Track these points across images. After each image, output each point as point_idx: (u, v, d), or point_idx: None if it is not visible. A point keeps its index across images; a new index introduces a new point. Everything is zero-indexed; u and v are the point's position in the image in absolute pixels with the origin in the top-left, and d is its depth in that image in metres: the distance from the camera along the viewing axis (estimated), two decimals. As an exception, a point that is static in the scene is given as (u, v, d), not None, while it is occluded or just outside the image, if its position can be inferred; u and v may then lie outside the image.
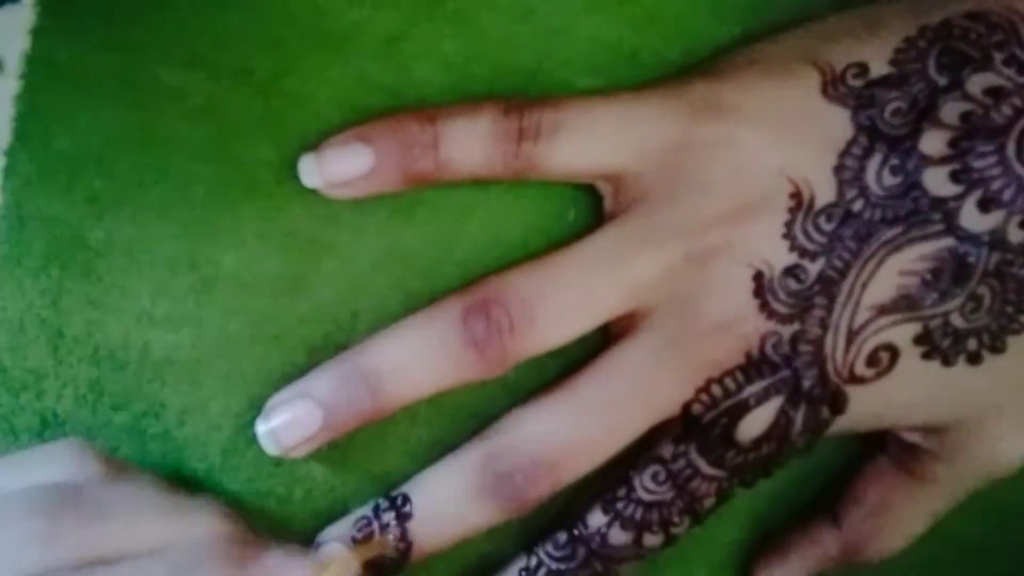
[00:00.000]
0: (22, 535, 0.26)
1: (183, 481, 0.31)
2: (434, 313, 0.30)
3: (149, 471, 0.29)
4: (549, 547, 0.31)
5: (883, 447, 0.34)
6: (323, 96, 0.31)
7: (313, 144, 0.30)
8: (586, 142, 0.30)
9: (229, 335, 0.31)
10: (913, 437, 0.32)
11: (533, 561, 0.31)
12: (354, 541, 0.30)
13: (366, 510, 0.31)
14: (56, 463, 0.28)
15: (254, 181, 0.30)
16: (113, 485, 0.28)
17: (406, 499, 0.30)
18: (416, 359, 0.29)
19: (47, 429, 0.30)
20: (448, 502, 0.30)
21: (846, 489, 0.34)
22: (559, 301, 0.29)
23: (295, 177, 0.30)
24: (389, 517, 0.30)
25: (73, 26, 0.29)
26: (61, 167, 0.30)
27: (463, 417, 0.32)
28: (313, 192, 0.30)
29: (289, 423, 0.29)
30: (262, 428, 0.30)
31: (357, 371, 0.29)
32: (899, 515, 0.33)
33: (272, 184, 0.31)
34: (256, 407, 0.31)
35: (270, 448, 0.30)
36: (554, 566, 0.31)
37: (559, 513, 0.32)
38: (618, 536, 0.31)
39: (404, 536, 0.30)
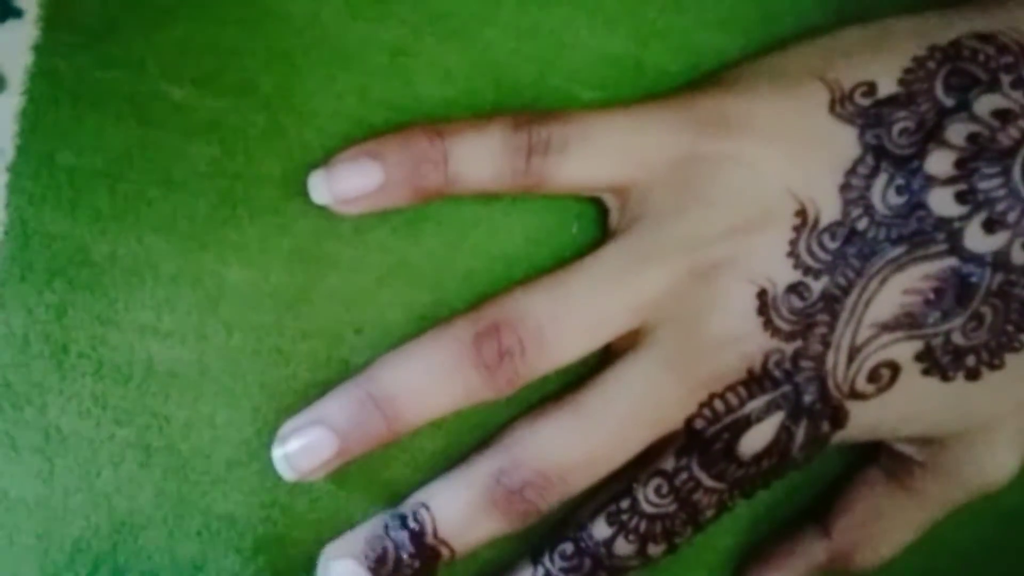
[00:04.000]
0: None
1: (186, 495, 0.31)
2: (444, 337, 0.30)
3: None
4: (556, 558, 0.31)
5: (874, 457, 0.34)
6: (327, 111, 0.30)
7: (317, 159, 0.30)
8: (595, 156, 0.30)
9: (233, 349, 0.31)
10: (906, 449, 0.33)
11: (540, 571, 0.31)
12: (367, 559, 0.30)
13: (376, 528, 0.31)
14: None
15: (258, 196, 0.30)
16: None
17: (416, 516, 0.30)
18: (428, 384, 0.30)
19: (50, 444, 0.30)
20: (459, 517, 0.30)
21: (836, 498, 0.34)
22: (569, 322, 0.30)
23: (299, 192, 0.30)
24: (401, 536, 0.30)
25: (76, 42, 0.29)
26: (65, 183, 0.29)
27: (466, 428, 0.32)
28: (317, 207, 0.30)
29: (304, 449, 0.30)
30: (278, 453, 0.30)
31: (370, 396, 0.29)
32: (887, 526, 0.33)
33: (276, 199, 0.30)
34: (259, 420, 0.31)
35: (286, 473, 0.30)
36: None
37: (560, 519, 0.32)
38: (623, 547, 0.31)
39: (418, 553, 0.30)
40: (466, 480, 0.31)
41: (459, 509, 0.30)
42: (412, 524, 0.30)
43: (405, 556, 0.30)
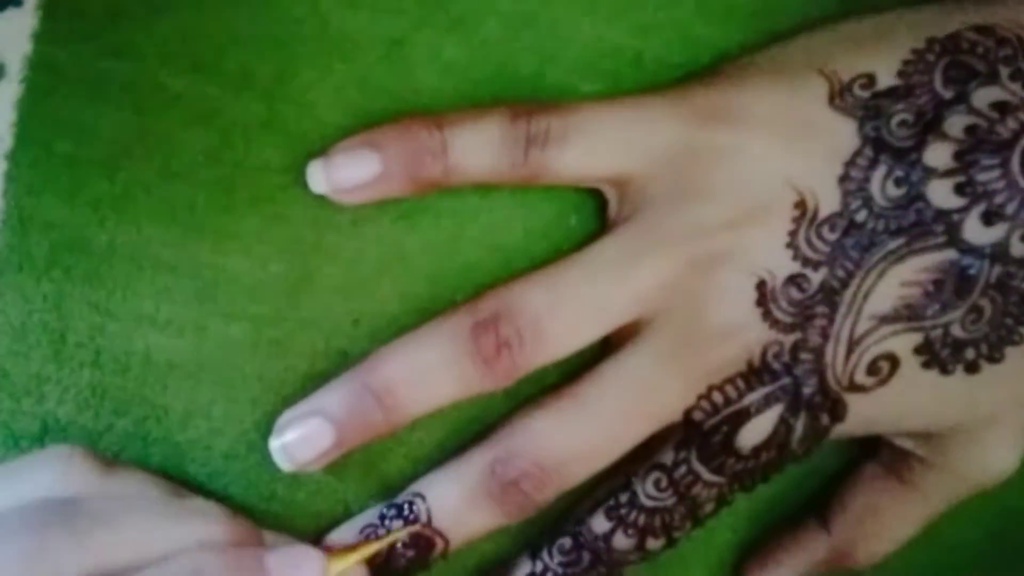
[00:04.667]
0: (13, 555, 0.25)
1: (185, 485, 0.31)
2: (442, 328, 0.30)
3: (144, 471, 0.29)
4: (555, 552, 0.31)
5: (874, 452, 0.34)
6: (325, 101, 0.30)
7: (316, 149, 0.30)
8: (594, 148, 0.30)
9: (231, 340, 0.31)
10: (906, 443, 0.33)
11: (539, 566, 0.31)
12: None
13: (372, 517, 0.31)
14: (46, 473, 0.27)
15: (257, 186, 0.30)
16: (106, 494, 0.27)
17: (412, 506, 0.30)
18: (426, 375, 0.29)
19: (48, 434, 0.30)
20: (455, 508, 0.30)
21: (836, 494, 0.34)
22: (567, 314, 0.29)
23: (298, 182, 0.30)
24: (396, 525, 0.30)
25: (75, 30, 0.29)
26: (63, 172, 0.29)
27: (463, 420, 0.32)
28: (315, 197, 0.30)
29: (302, 439, 0.30)
30: (275, 443, 0.30)
31: (368, 388, 0.29)
32: (887, 521, 0.33)
33: (275, 189, 0.30)
34: (258, 411, 0.31)
35: (284, 464, 0.30)
36: (560, 571, 0.31)
37: (559, 512, 0.32)
38: (622, 541, 0.31)
39: (413, 542, 0.30)
40: (462, 471, 0.31)
41: (454, 500, 0.30)
42: (407, 514, 0.30)
43: (399, 545, 0.30)
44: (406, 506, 0.30)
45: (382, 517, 0.31)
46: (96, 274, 0.30)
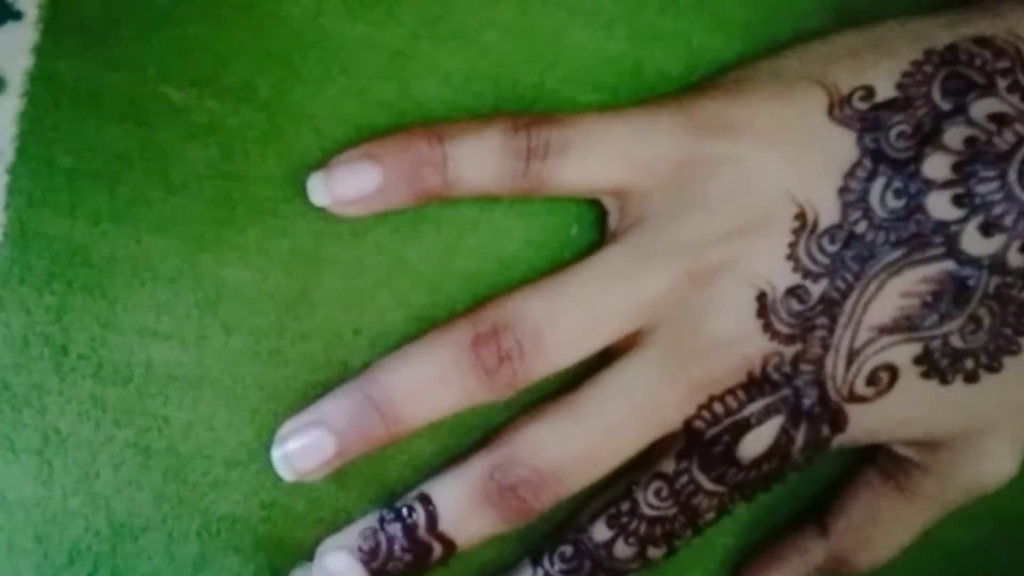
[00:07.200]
0: None
1: (186, 496, 0.31)
2: (444, 340, 0.30)
3: None
4: (556, 560, 0.31)
5: (872, 458, 0.34)
6: (325, 113, 0.30)
7: (316, 161, 0.30)
8: (594, 159, 0.30)
9: (232, 351, 0.31)
10: (905, 451, 0.33)
11: (540, 573, 0.32)
12: (360, 551, 0.31)
13: (371, 521, 0.31)
14: None
15: (257, 197, 0.30)
16: None
17: (411, 510, 0.31)
18: (427, 387, 0.30)
19: (48, 446, 0.30)
20: (454, 513, 0.30)
21: (834, 500, 0.34)
22: (568, 325, 0.30)
23: (298, 193, 0.30)
24: (395, 529, 0.30)
25: (76, 44, 0.29)
26: (64, 185, 0.29)
27: (465, 428, 0.32)
28: (315, 209, 0.30)
29: (303, 449, 0.30)
30: (277, 453, 0.30)
31: (369, 399, 0.29)
32: (886, 527, 0.34)
33: (275, 200, 0.30)
34: (258, 421, 0.31)
35: (285, 474, 0.30)
36: None
37: (561, 520, 0.32)
38: (623, 550, 0.31)
39: (410, 546, 0.30)
40: (461, 476, 0.31)
41: (453, 505, 0.30)
42: (406, 518, 0.30)
43: (397, 549, 0.30)
44: (405, 510, 0.30)
45: (381, 520, 0.31)
46: (97, 286, 0.30)
